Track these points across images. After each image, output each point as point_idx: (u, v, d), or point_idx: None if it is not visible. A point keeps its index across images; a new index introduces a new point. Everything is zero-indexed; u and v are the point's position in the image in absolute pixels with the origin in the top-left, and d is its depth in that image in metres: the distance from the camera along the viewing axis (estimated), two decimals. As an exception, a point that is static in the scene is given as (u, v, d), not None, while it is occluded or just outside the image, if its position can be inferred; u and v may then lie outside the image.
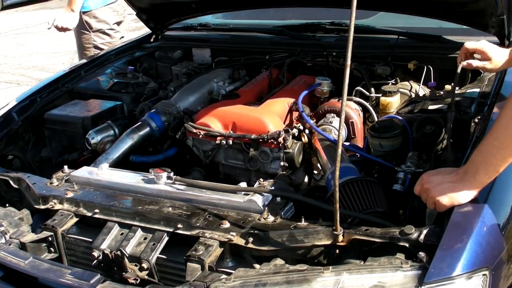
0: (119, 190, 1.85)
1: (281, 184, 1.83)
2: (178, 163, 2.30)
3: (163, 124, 2.33)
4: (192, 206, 1.70)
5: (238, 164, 2.19)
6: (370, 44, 2.64)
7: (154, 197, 1.78)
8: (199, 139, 2.20)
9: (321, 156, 2.04)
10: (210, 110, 2.25)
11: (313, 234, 1.48)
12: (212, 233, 1.57)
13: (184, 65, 2.87)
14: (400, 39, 2.59)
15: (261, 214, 1.62)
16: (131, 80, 2.75)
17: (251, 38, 2.94)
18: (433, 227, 1.41)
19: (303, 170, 2.16)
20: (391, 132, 1.98)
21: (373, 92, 2.37)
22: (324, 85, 2.40)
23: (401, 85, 2.41)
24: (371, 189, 1.70)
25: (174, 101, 2.42)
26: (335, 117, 2.23)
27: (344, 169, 1.79)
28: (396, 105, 2.28)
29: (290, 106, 2.28)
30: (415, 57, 2.47)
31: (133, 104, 2.59)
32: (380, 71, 2.45)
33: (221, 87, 2.55)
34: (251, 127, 2.13)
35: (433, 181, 1.47)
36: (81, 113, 2.44)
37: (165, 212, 1.68)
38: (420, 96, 2.29)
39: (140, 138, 2.27)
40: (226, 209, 1.68)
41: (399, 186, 1.80)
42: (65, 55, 7.57)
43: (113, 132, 2.34)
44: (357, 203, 1.67)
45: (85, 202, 1.80)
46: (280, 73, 2.58)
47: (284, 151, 2.08)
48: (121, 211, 1.74)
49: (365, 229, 1.46)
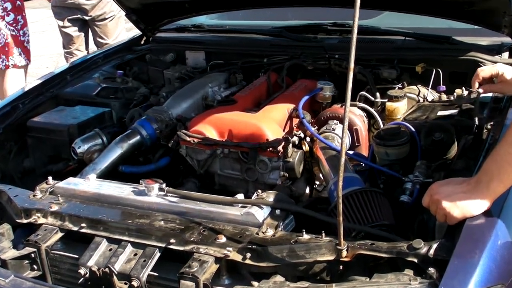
0: (107, 203, 1.85)
1: (281, 195, 1.83)
2: (170, 174, 2.30)
3: (154, 132, 2.34)
4: (185, 219, 1.70)
5: (234, 174, 2.19)
6: (375, 46, 2.65)
7: (145, 210, 1.78)
8: (193, 148, 2.21)
9: (323, 165, 2.04)
10: (205, 117, 2.25)
11: (315, 249, 1.48)
12: (207, 249, 1.57)
13: (177, 69, 2.87)
14: (407, 41, 2.60)
15: (260, 227, 1.62)
16: (120, 85, 2.75)
17: (248, 40, 2.94)
18: (443, 241, 1.40)
19: (304, 181, 2.17)
20: (398, 139, 1.98)
21: (379, 97, 2.37)
22: (326, 90, 2.40)
23: (408, 90, 2.41)
24: (376, 200, 1.70)
25: (166, 107, 2.42)
26: (338, 124, 2.23)
27: (348, 179, 1.80)
28: (403, 111, 2.28)
29: (290, 112, 2.29)
30: (423, 60, 2.47)
31: (122, 111, 2.60)
32: (386, 74, 2.45)
33: (216, 93, 2.55)
34: (248, 135, 2.13)
35: (443, 192, 1.47)
36: (67, 121, 2.44)
37: (157, 226, 1.68)
38: (429, 101, 2.30)
39: (130, 147, 2.28)
40: (222, 222, 1.67)
41: (406, 197, 1.80)
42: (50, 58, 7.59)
43: (101, 140, 2.33)
44: (362, 215, 1.66)
45: (71, 216, 1.80)
46: (279, 77, 2.59)
47: (283, 161, 2.09)
48: (109, 225, 1.73)
49: (370, 244, 1.46)
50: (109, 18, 5.20)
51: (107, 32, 5.25)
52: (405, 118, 2.16)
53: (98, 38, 5.30)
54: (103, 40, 5.25)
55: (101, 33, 5.25)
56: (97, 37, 5.30)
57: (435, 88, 2.41)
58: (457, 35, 2.54)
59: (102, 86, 2.73)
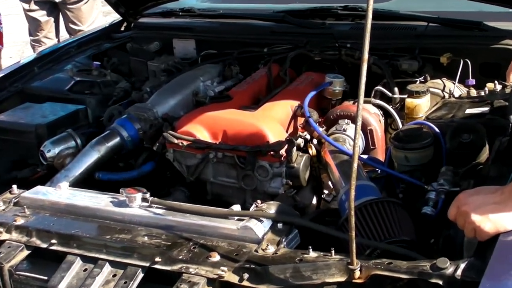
0: (81, 215, 1.85)
1: (284, 206, 1.83)
2: (155, 182, 2.31)
3: (137, 133, 2.35)
4: (173, 234, 1.70)
5: (230, 182, 2.21)
6: (393, 33, 2.67)
7: (125, 224, 1.79)
8: (182, 151, 2.21)
9: (332, 172, 2.05)
10: (196, 115, 2.26)
11: (324, 269, 1.47)
12: (198, 268, 1.57)
13: (163, 60, 2.88)
14: (430, 27, 2.62)
15: (259, 244, 1.62)
16: (97, 78, 2.76)
17: (246, 26, 2.96)
18: (472, 259, 1.40)
19: (311, 190, 2.18)
20: (420, 142, 1.99)
21: (397, 92, 2.38)
22: (336, 84, 2.41)
23: (432, 84, 2.41)
24: (395, 212, 1.71)
25: (151, 104, 2.43)
26: (349, 124, 2.24)
27: (362, 188, 1.80)
28: (425, 109, 2.28)
29: (294, 110, 2.30)
30: (448, 49, 2.49)
31: (99, 109, 2.61)
32: (406, 66, 2.47)
33: (208, 87, 2.57)
34: (246, 137, 2.14)
35: (472, 203, 1.47)
36: (34, 120, 2.46)
37: (140, 242, 1.68)
38: (456, 97, 2.32)
39: (109, 150, 2.28)
40: (215, 238, 1.68)
41: (430, 209, 1.80)
42: (13, 47, 7.59)
43: (74, 143, 2.34)
44: (378, 230, 1.67)
45: (39, 231, 1.79)
46: (282, 70, 2.60)
47: (287, 166, 2.10)
48: (84, 242, 1.73)
49: (387, 263, 1.46)
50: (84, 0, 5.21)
51: (80, 16, 5.26)
52: (428, 117, 2.16)
53: (70, 24, 5.30)
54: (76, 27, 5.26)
55: (73, 18, 5.26)
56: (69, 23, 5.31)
57: (463, 82, 2.43)
58: (489, 20, 2.56)
59: (76, 80, 2.73)
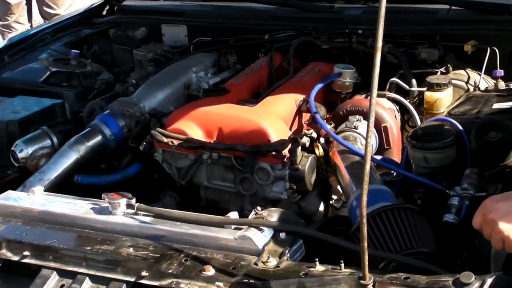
0: (58, 224, 1.84)
1: (287, 214, 1.84)
2: (142, 186, 2.32)
3: (121, 131, 2.35)
4: (161, 245, 1.70)
5: (226, 186, 2.21)
6: (411, 18, 2.69)
7: (108, 233, 1.79)
8: (172, 151, 2.22)
9: (342, 174, 2.05)
10: (187, 111, 2.27)
11: (332, 284, 1.46)
12: (190, 284, 1.56)
13: (151, 48, 2.88)
14: (453, 10, 2.63)
15: (259, 256, 1.61)
16: (75, 69, 2.75)
17: (244, 10, 2.97)
18: (500, 274, 1.40)
19: (317, 195, 2.18)
20: (440, 141, 1.99)
21: (415, 85, 2.39)
22: (346, 75, 2.42)
23: (455, 75, 2.42)
24: (412, 220, 1.71)
25: (137, 98, 2.43)
26: (361, 121, 2.25)
27: (375, 193, 1.81)
28: (447, 103, 2.28)
29: (298, 105, 2.31)
30: (474, 36, 2.49)
31: (78, 103, 2.61)
32: (425, 55, 2.47)
33: (202, 79, 2.58)
34: (244, 135, 2.14)
35: (500, 210, 1.46)
36: (4, 116, 2.47)
37: (124, 255, 1.68)
38: (482, 90, 2.33)
39: (89, 150, 2.28)
40: (209, 249, 1.67)
41: (452, 217, 1.81)
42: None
43: (50, 142, 2.34)
44: (393, 240, 1.67)
45: (9, 241, 1.78)
46: (285, 60, 2.60)
47: (290, 168, 2.10)
48: (61, 254, 1.73)
49: (404, 277, 1.45)
50: None
51: None
52: (450, 112, 2.16)
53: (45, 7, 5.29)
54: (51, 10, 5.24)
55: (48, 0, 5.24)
56: (43, 6, 5.29)
57: (490, 73, 2.43)
58: (520, 3, 2.55)
59: (52, 71, 2.73)
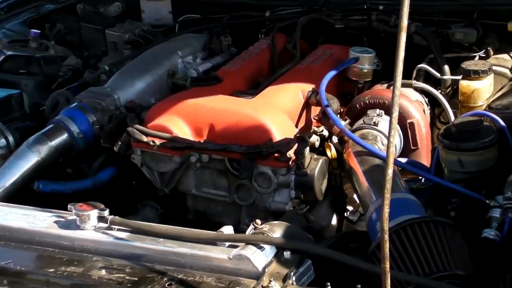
0: (15, 241, 1.83)
1: (292, 228, 1.81)
2: (117, 195, 2.31)
3: (91, 128, 2.34)
4: (141, 266, 1.68)
5: (219, 195, 2.20)
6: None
7: (75, 252, 1.77)
8: (154, 153, 2.19)
9: (359, 181, 2.04)
10: (172, 104, 2.25)
11: (347, 313, 1.47)
12: (174, 314, 1.55)
13: (127, 27, 2.89)
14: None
15: (259, 279, 1.59)
16: (35, 52, 2.75)
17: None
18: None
19: (329, 205, 2.18)
20: (479, 140, 1.98)
21: (448, 72, 2.40)
22: (364, 61, 2.40)
23: (496, 60, 2.44)
24: (444, 236, 1.69)
25: (110, 88, 2.43)
26: (382, 116, 2.22)
27: (399, 203, 1.80)
28: (487, 94, 2.29)
29: (306, 97, 2.28)
30: None
31: (39, 94, 2.61)
32: (460, 36, 2.52)
33: (190, 66, 2.59)
34: (240, 133, 2.13)
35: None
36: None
37: (95, 278, 1.66)
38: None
39: (52, 151, 2.24)
40: (198, 271, 1.65)
41: (493, 232, 1.81)
42: None
43: (4, 141, 2.33)
44: (421, 260, 1.65)
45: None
46: (290, 42, 2.59)
47: (296, 173, 2.08)
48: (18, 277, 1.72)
49: (434, 305, 1.46)
50: None
51: None
52: (491, 105, 2.12)
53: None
54: None
55: None
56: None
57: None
58: None
59: (7, 55, 2.74)
